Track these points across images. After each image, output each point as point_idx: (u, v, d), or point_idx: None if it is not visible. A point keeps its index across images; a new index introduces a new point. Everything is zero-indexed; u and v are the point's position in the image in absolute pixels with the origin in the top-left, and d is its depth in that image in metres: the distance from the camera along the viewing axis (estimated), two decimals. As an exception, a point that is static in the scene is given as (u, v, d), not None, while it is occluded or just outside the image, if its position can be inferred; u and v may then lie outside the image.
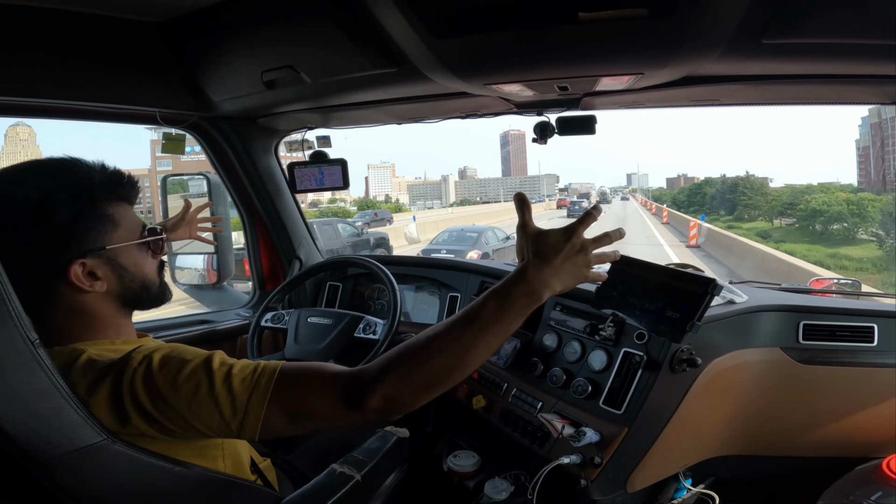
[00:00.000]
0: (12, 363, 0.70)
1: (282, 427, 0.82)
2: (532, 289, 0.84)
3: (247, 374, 0.81)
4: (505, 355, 1.54)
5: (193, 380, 0.79)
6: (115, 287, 0.87)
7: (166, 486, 0.85)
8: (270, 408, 0.80)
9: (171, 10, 1.34)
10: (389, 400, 0.80)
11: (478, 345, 0.82)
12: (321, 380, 0.83)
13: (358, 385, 0.81)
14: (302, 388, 0.82)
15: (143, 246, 0.92)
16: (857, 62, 1.12)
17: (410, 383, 0.81)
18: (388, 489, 1.29)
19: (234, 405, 0.79)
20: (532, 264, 0.85)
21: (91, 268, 0.84)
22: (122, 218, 0.88)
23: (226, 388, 0.79)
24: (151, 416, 0.79)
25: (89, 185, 0.84)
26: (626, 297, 1.28)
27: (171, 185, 2.11)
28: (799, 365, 1.36)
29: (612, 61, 1.17)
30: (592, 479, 1.24)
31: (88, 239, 0.84)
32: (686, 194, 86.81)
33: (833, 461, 1.32)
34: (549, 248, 0.85)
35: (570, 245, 0.85)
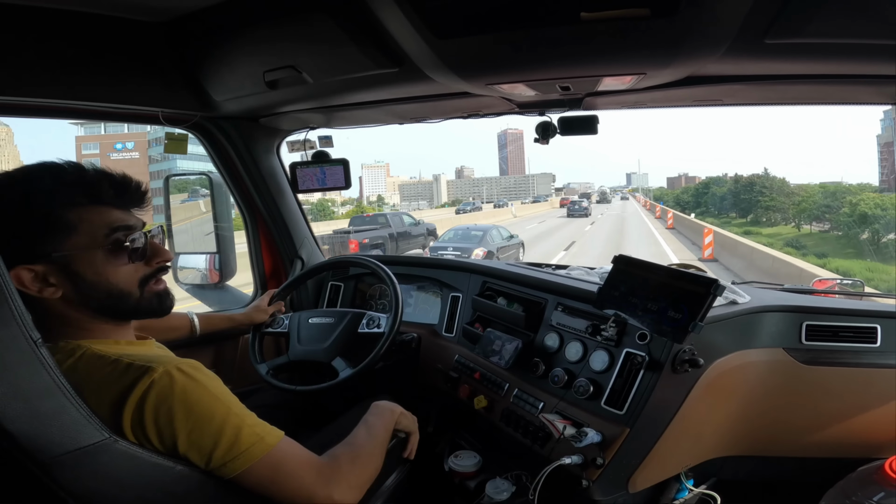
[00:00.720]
0: (14, 362, 0.71)
1: (259, 483, 0.89)
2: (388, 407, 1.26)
3: (256, 427, 0.89)
4: (507, 356, 1.54)
5: (208, 414, 0.84)
6: (72, 294, 0.85)
7: (167, 485, 0.85)
8: (261, 462, 0.87)
9: (174, 10, 1.35)
10: (356, 487, 1.00)
11: (379, 447, 1.14)
12: (308, 460, 0.96)
13: (332, 472, 0.97)
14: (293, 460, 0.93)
15: (116, 253, 0.87)
16: (861, 62, 1.11)
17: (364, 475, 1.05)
18: (390, 489, 1.29)
19: (232, 447, 0.85)
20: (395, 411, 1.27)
21: (43, 274, 0.82)
22: (83, 223, 0.84)
23: (234, 431, 0.85)
24: (143, 429, 0.81)
25: (37, 190, 0.82)
26: (628, 298, 1.28)
27: (173, 185, 2.11)
28: (801, 366, 1.36)
29: (614, 61, 1.17)
30: (594, 480, 1.24)
31: (35, 245, 0.82)
32: (691, 194, 79.15)
33: (835, 462, 1.32)
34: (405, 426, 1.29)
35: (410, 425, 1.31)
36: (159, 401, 0.80)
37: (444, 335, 1.87)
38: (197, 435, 0.83)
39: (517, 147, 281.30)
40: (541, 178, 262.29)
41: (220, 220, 2.05)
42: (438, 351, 1.82)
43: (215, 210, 2.04)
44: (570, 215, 37.22)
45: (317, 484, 0.93)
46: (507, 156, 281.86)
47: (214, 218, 2.04)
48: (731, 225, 42.80)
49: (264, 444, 0.88)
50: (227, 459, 0.85)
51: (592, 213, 39.50)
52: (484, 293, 1.81)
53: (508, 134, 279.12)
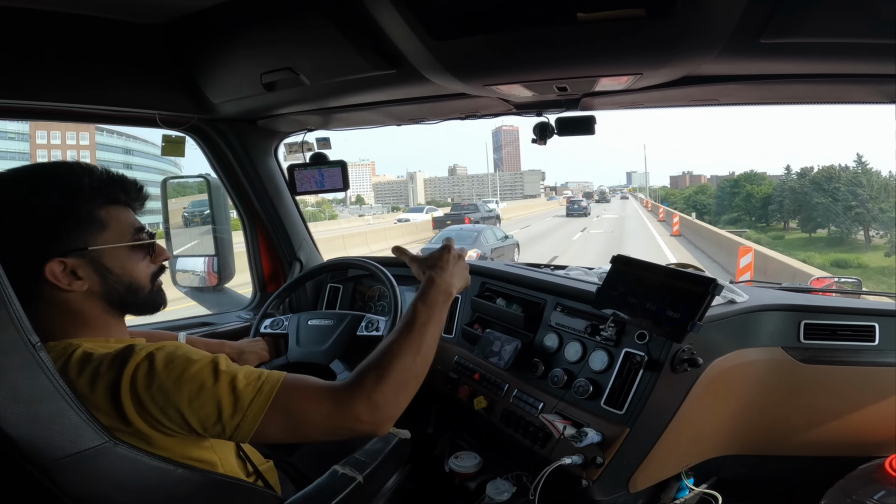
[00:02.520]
0: (13, 365, 0.71)
1: (276, 433, 0.87)
2: (444, 289, 1.07)
3: (252, 379, 0.86)
4: (506, 356, 1.54)
5: (199, 378, 0.83)
6: (98, 287, 0.89)
7: (168, 488, 0.85)
8: (270, 413, 0.84)
9: (171, 12, 1.35)
10: (376, 405, 0.89)
11: (424, 340, 0.99)
12: (317, 390, 0.89)
13: (346, 394, 0.89)
14: (300, 397, 0.88)
15: (137, 249, 0.93)
16: (856, 61, 1.12)
17: (388, 385, 0.91)
18: (390, 490, 1.29)
19: (235, 406, 0.83)
20: (435, 273, 1.08)
21: (73, 267, 0.86)
22: (113, 220, 0.90)
23: (230, 389, 0.83)
24: (148, 411, 0.80)
25: (76, 187, 0.87)
26: (627, 298, 1.29)
27: (170, 188, 2.11)
28: (800, 364, 1.36)
29: (610, 62, 1.17)
30: (594, 480, 1.24)
31: (71, 239, 0.86)
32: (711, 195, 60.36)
33: (835, 461, 1.32)
34: (438, 261, 1.11)
35: (451, 255, 1.13)
36: (148, 381, 0.80)
37: (444, 336, 1.86)
38: (198, 404, 0.82)
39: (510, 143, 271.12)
40: (529, 176, 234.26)
41: (218, 222, 2.05)
42: (438, 352, 1.81)
43: (213, 213, 2.04)
44: (569, 214, 37.26)
45: (337, 412, 0.88)
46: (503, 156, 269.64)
47: (212, 220, 2.04)
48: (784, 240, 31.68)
49: (264, 395, 0.85)
50: (237, 421, 0.83)
51: (591, 212, 39.54)
52: (483, 294, 1.81)
53: (504, 132, 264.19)
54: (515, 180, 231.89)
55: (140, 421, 0.81)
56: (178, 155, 1.83)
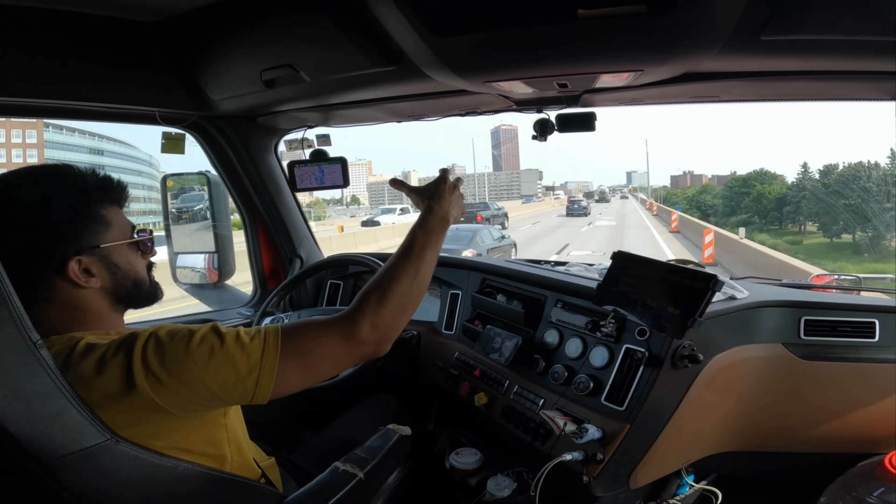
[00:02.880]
0: (14, 364, 0.70)
1: (294, 378, 0.89)
2: (441, 216, 1.08)
3: (254, 334, 0.88)
4: (507, 352, 1.54)
5: (207, 343, 0.84)
6: (108, 283, 0.91)
7: (170, 485, 0.86)
8: (283, 360, 0.87)
9: (170, 9, 1.34)
10: (377, 326, 0.94)
11: (422, 264, 1.02)
12: (319, 326, 0.93)
13: (349, 321, 0.94)
14: (305, 336, 0.91)
15: (134, 246, 0.96)
16: (857, 58, 1.11)
17: (388, 307, 0.96)
18: (391, 487, 1.30)
19: (249, 361, 0.85)
20: (434, 202, 1.09)
21: (86, 265, 0.88)
22: (114, 219, 0.93)
23: (238, 346, 0.86)
24: (165, 385, 0.81)
25: (84, 189, 0.89)
26: (628, 294, 1.29)
27: (171, 184, 2.11)
28: (800, 361, 1.36)
29: (611, 58, 1.17)
30: (595, 476, 1.24)
31: (84, 238, 0.88)
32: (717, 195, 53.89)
33: (835, 457, 1.32)
34: (436, 191, 1.11)
35: (447, 185, 1.12)
36: (160, 355, 0.81)
37: (444, 332, 1.87)
38: (214, 367, 0.83)
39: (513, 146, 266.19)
40: (526, 175, 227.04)
41: (218, 219, 2.05)
42: (438, 348, 1.83)
43: (213, 210, 2.04)
44: (569, 214, 37.26)
45: (345, 339, 0.93)
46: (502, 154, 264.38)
47: (212, 217, 2.04)
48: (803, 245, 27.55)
49: (271, 345, 0.87)
50: (256, 375, 0.86)
51: (591, 212, 39.58)
52: (483, 290, 1.82)
53: (503, 131, 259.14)
54: (512, 180, 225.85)
55: (160, 398, 0.81)
56: (178, 152, 1.82)
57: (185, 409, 0.84)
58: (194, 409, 0.87)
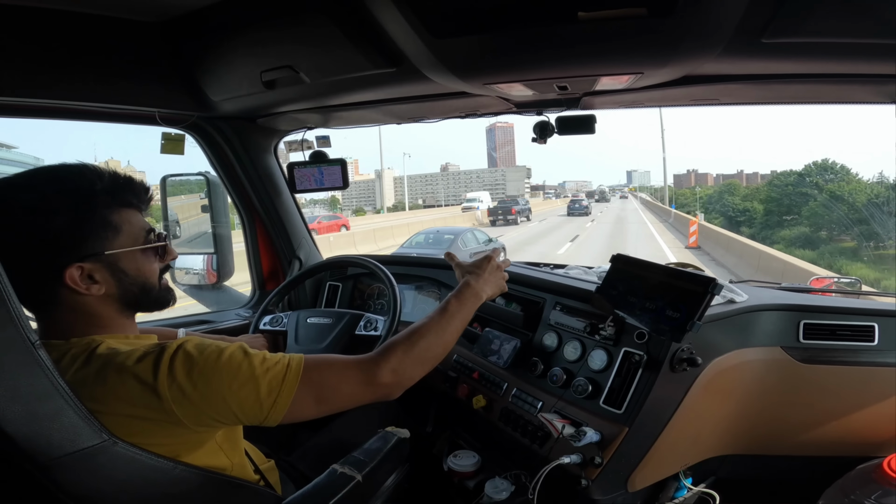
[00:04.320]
0: (13, 364, 0.70)
1: (309, 408, 0.93)
2: (475, 292, 1.22)
3: (279, 359, 0.92)
4: (505, 355, 1.54)
5: (234, 361, 0.86)
6: (114, 290, 0.90)
7: (167, 487, 0.85)
8: (301, 388, 0.90)
9: (170, 10, 1.34)
10: (397, 373, 1.00)
11: (449, 329, 1.13)
12: (343, 364, 0.98)
13: (373, 364, 0.99)
14: (329, 371, 0.96)
15: (148, 251, 0.94)
16: (858, 61, 1.12)
17: (411, 358, 1.03)
18: (389, 489, 1.29)
19: (270, 384, 0.88)
20: (472, 278, 1.25)
21: (90, 271, 0.87)
22: (125, 224, 0.90)
23: (264, 368, 0.88)
24: (188, 397, 0.82)
25: (90, 192, 0.87)
26: (627, 297, 1.29)
27: (170, 186, 2.11)
28: (799, 364, 1.36)
29: (611, 61, 1.17)
30: (593, 479, 1.24)
31: (87, 244, 0.86)
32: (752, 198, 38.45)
33: (834, 460, 1.32)
34: (477, 269, 1.27)
35: (490, 265, 1.29)
36: (188, 367, 0.82)
37: None
38: (237, 386, 0.85)
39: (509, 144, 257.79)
40: (511, 173, 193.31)
41: (217, 220, 2.05)
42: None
43: (213, 210, 2.04)
44: (570, 214, 37.37)
45: (365, 380, 0.98)
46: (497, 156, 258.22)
47: (212, 218, 2.04)
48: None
49: (293, 372, 0.91)
50: (273, 398, 0.88)
51: (591, 212, 39.76)
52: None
53: (498, 129, 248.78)
54: (496, 179, 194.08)
55: (178, 411, 0.81)
56: (177, 153, 1.82)
57: (198, 422, 0.85)
58: (207, 424, 0.87)
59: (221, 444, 0.95)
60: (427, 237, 12.28)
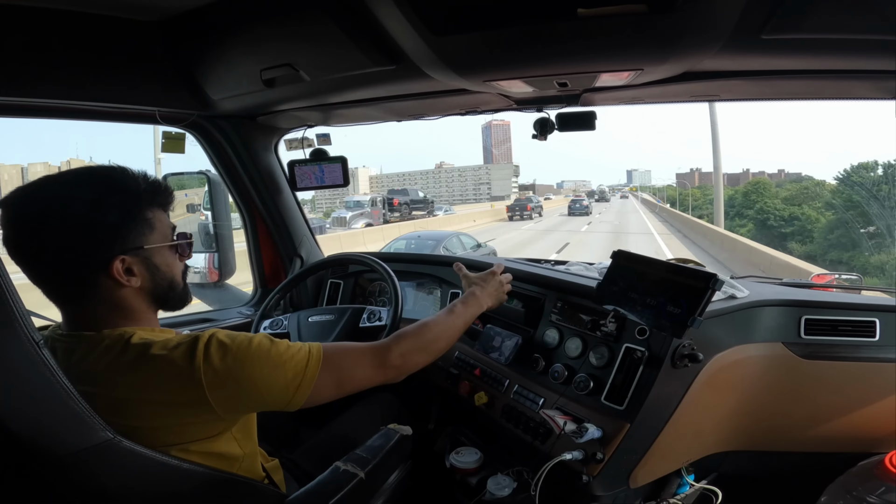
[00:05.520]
0: (17, 363, 0.71)
1: (329, 390, 1.01)
2: (479, 301, 1.36)
3: (300, 347, 0.99)
4: (507, 352, 1.54)
5: (263, 348, 0.94)
6: (147, 284, 0.95)
7: (172, 484, 0.86)
8: (322, 374, 0.98)
9: (170, 8, 1.34)
10: (404, 356, 1.12)
11: (454, 327, 1.27)
12: (358, 349, 1.08)
13: (384, 349, 1.10)
14: (345, 355, 1.05)
15: (173, 249, 1.01)
16: (858, 57, 1.11)
17: (417, 346, 1.16)
18: (392, 486, 1.30)
19: (295, 368, 0.96)
20: (478, 289, 1.39)
21: (129, 264, 0.92)
22: (159, 222, 0.97)
23: (289, 354, 0.96)
24: (222, 381, 0.88)
25: (136, 192, 0.94)
26: (628, 293, 1.28)
27: (171, 183, 2.10)
28: (801, 360, 1.36)
29: (611, 57, 1.17)
30: (595, 475, 1.24)
31: (130, 238, 0.92)
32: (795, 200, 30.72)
33: (835, 457, 1.32)
34: (484, 282, 1.42)
35: (494, 280, 1.43)
36: (223, 353, 0.89)
37: None
38: (267, 371, 0.92)
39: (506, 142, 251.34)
40: (497, 171, 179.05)
41: (218, 218, 2.05)
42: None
43: (214, 209, 2.04)
44: (571, 213, 37.50)
45: (378, 363, 1.09)
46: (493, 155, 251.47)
47: (213, 217, 2.04)
48: None
49: (314, 357, 0.99)
50: (297, 383, 0.96)
51: (592, 211, 39.91)
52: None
53: (493, 126, 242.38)
54: (480, 177, 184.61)
55: (211, 393, 0.87)
56: (178, 151, 1.83)
57: (228, 408, 0.90)
58: (236, 410, 0.94)
59: (235, 435, 0.98)
60: (409, 243, 11.50)
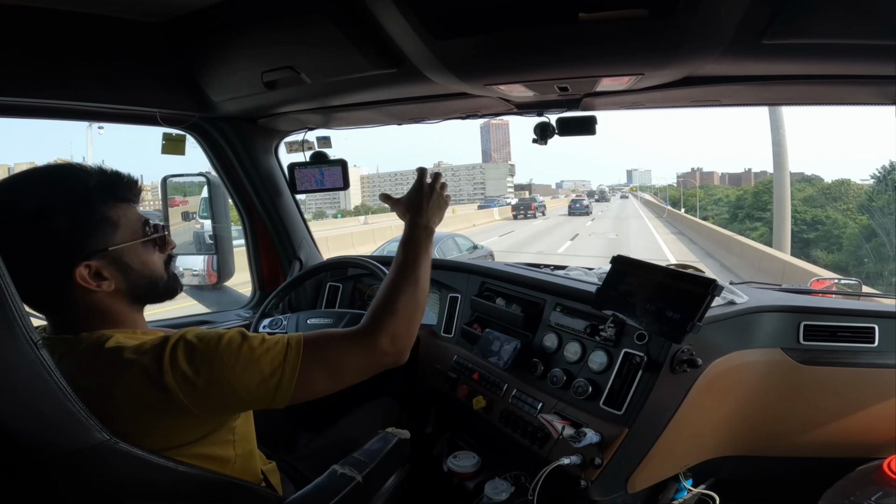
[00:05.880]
0: (14, 364, 0.70)
1: (323, 383, 0.94)
2: (425, 225, 1.12)
3: (277, 339, 0.92)
4: (505, 356, 1.54)
5: (234, 345, 0.87)
6: (122, 285, 0.90)
7: (168, 486, 0.85)
8: (305, 365, 0.90)
9: (172, 10, 1.34)
10: (396, 337, 0.99)
11: (419, 274, 1.07)
12: (340, 338, 0.98)
13: (368, 336, 0.98)
14: (328, 346, 0.95)
15: (148, 243, 0.95)
16: (858, 63, 1.12)
17: (401, 319, 1.01)
18: (389, 490, 1.29)
19: (272, 363, 0.88)
20: (415, 214, 1.13)
21: (97, 269, 0.87)
22: (122, 218, 0.90)
23: (264, 348, 0.89)
24: (193, 384, 0.82)
25: (84, 191, 0.87)
26: (627, 298, 1.29)
27: (171, 186, 2.11)
28: (800, 366, 1.36)
29: (612, 62, 1.17)
30: (593, 480, 1.24)
31: (90, 242, 0.86)
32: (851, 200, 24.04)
33: (834, 462, 1.32)
34: (416, 201, 1.15)
35: (425, 192, 1.16)
36: (189, 354, 0.84)
37: (443, 336, 1.87)
38: (240, 368, 0.86)
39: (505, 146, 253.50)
40: (492, 171, 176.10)
41: (217, 220, 2.05)
42: (437, 351, 1.82)
43: (213, 211, 2.04)
44: (571, 213, 37.70)
45: (367, 351, 0.98)
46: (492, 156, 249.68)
47: (212, 219, 2.04)
48: None
49: (293, 350, 0.91)
50: (277, 378, 0.88)
51: (592, 211, 40.18)
52: (482, 294, 1.81)
53: (492, 127, 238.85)
54: (474, 176, 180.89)
55: (186, 397, 0.82)
56: (178, 153, 1.82)
57: (207, 409, 0.86)
58: (216, 411, 0.89)
59: (231, 436, 0.97)
60: None
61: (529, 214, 35.53)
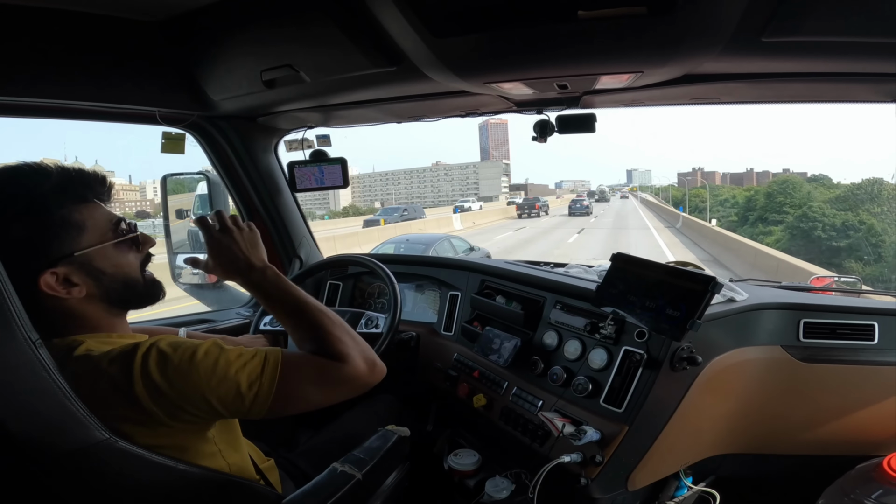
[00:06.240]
0: (13, 363, 0.70)
1: (296, 402, 0.90)
2: (256, 273, 1.01)
3: (255, 353, 0.88)
4: (505, 354, 1.54)
5: (210, 357, 0.84)
6: (95, 290, 0.86)
7: (168, 485, 0.86)
8: (283, 381, 0.87)
9: (171, 9, 1.34)
10: (366, 358, 0.96)
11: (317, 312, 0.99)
12: (317, 365, 0.93)
13: (345, 367, 0.93)
14: (307, 366, 0.92)
15: (122, 244, 0.90)
16: (857, 60, 1.11)
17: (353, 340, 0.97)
18: (389, 488, 1.29)
19: (249, 377, 0.85)
20: (235, 273, 1.02)
21: (65, 275, 0.83)
22: (88, 220, 0.86)
23: (241, 363, 0.86)
24: (164, 395, 0.80)
25: (41, 194, 0.82)
26: (627, 296, 1.29)
27: (171, 185, 2.11)
28: (799, 363, 1.37)
29: (611, 60, 1.17)
30: (593, 478, 1.24)
31: (53, 248, 0.82)
32: None
33: (833, 459, 1.32)
34: (225, 258, 1.02)
35: (223, 242, 1.02)
36: (162, 366, 0.80)
37: (443, 334, 1.87)
38: (216, 381, 0.83)
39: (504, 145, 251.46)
40: (486, 170, 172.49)
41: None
42: (437, 349, 1.83)
43: (213, 209, 2.04)
44: (571, 213, 37.73)
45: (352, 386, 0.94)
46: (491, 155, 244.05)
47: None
48: None
49: (271, 364, 0.88)
50: (255, 390, 0.85)
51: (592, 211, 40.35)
52: (482, 291, 1.82)
53: (490, 126, 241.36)
54: (467, 176, 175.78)
55: (157, 409, 0.80)
56: (178, 152, 1.82)
57: (178, 418, 0.83)
58: (188, 421, 0.85)
59: (219, 445, 0.94)
60: (397, 246, 11.05)
61: (533, 214, 36.40)
